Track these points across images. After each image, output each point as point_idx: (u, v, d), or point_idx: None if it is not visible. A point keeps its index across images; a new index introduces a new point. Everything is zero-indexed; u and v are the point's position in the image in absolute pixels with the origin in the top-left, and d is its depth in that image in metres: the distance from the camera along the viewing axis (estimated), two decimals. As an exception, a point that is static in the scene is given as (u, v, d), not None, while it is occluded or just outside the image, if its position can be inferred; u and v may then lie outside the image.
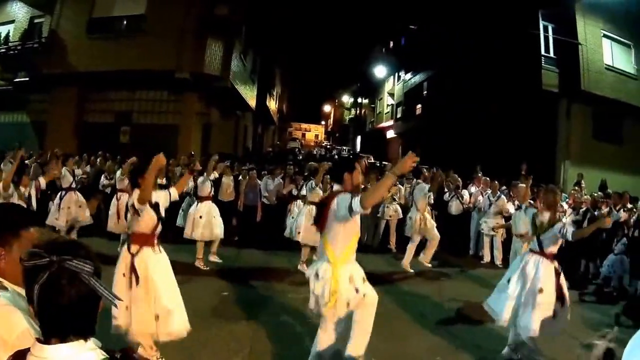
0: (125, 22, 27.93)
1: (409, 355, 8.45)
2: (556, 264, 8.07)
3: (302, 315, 9.22)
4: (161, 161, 6.97)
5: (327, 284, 6.30)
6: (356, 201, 5.83)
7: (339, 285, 6.23)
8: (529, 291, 7.77)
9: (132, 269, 6.80)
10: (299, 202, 15.91)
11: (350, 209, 5.86)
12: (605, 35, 30.47)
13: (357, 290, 6.31)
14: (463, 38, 35.88)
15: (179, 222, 15.21)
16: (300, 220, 13.32)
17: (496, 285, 8.62)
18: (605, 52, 30.50)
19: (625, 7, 29.84)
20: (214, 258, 13.59)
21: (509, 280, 8.12)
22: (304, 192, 15.01)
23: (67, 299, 1.99)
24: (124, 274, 6.88)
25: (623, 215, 15.11)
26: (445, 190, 18.53)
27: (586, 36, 29.27)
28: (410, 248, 14.35)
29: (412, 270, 14.09)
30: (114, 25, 27.84)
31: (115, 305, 3.37)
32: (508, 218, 15.41)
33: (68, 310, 2.01)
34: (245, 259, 14.45)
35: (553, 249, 8.14)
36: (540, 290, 7.63)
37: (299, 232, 13.15)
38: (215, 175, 14.55)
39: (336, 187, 6.69)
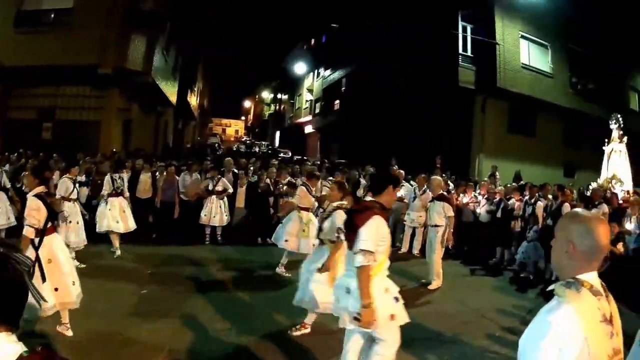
0: (53, 16, 27.02)
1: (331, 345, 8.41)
2: None
3: (221, 312, 9.42)
4: None
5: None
6: (359, 258, 5.78)
7: (375, 298, 5.86)
8: None
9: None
10: (214, 197, 16.35)
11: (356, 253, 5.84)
12: (523, 36, 31.61)
13: (396, 300, 6.17)
14: (383, 36, 36.33)
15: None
16: (288, 227, 12.90)
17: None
18: (522, 51, 31.72)
19: (544, 10, 30.87)
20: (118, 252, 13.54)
21: None
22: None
23: (5, 288, 2.18)
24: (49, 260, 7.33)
25: (541, 206, 15.70)
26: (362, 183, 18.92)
27: (504, 37, 30.26)
28: None
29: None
30: (41, 19, 26.93)
31: (40, 304, 3.61)
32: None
33: (3, 299, 2.19)
34: (164, 256, 14.28)
35: None
36: None
37: (286, 240, 12.72)
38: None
39: (370, 197, 6.49)
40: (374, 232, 5.91)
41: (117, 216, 13.77)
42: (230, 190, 16.96)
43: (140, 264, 12.89)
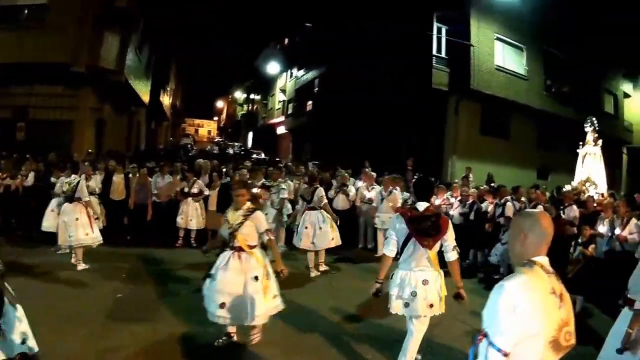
0: (26, 12, 26.41)
1: (305, 345, 8.69)
2: None
3: (199, 315, 9.02)
4: None
5: (441, 290, 7.43)
6: (454, 253, 7.55)
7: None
8: None
9: None
10: (190, 200, 16.30)
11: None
12: (498, 38, 31.76)
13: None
14: (356, 37, 36.33)
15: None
16: (305, 229, 13.51)
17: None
18: (497, 53, 31.83)
19: (520, 12, 31.03)
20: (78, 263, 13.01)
21: None
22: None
23: None
24: None
25: (510, 207, 15.75)
26: (333, 185, 18.93)
27: (479, 38, 30.38)
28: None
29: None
30: (15, 15, 26.15)
31: (15, 306, 3.59)
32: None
33: None
34: (138, 258, 14.23)
35: None
36: None
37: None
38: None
39: (424, 205, 7.34)
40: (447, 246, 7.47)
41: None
42: (207, 192, 16.86)
43: (116, 268, 12.75)
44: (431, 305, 7.23)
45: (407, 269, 7.37)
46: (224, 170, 20.78)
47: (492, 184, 21.68)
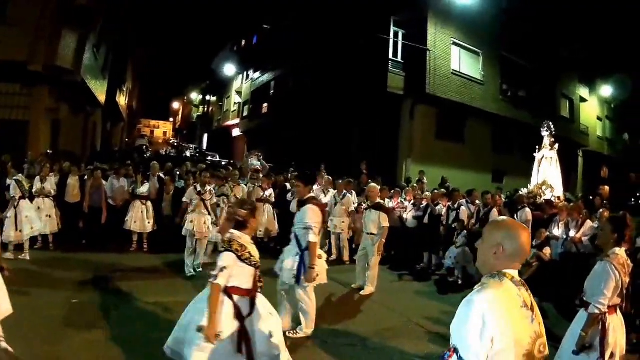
0: None
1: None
2: None
3: (154, 321, 9.34)
4: None
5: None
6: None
7: None
8: None
9: None
10: (137, 202, 16.16)
11: None
12: (454, 43, 31.86)
13: None
14: (313, 39, 36.36)
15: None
16: None
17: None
18: (453, 58, 31.87)
19: (477, 18, 31.19)
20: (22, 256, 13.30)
21: None
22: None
23: None
24: None
25: (465, 211, 15.93)
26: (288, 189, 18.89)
27: (436, 43, 30.41)
28: None
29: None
30: None
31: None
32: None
33: None
34: (93, 263, 13.89)
35: None
36: None
37: None
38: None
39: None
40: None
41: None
42: (145, 190, 16.60)
43: (70, 272, 12.56)
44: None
45: None
46: (178, 173, 20.68)
47: (446, 187, 21.84)
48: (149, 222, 16.17)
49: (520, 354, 3.22)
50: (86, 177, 17.12)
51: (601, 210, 14.85)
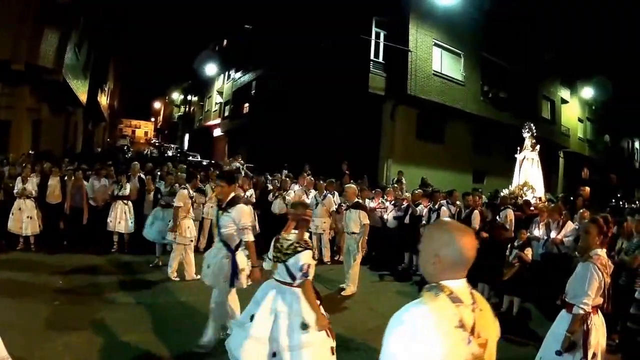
0: None
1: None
2: None
3: (136, 322, 9.31)
4: None
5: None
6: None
7: None
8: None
9: None
10: (119, 202, 16.08)
11: None
12: (436, 44, 31.94)
13: None
14: (295, 39, 36.34)
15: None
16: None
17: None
18: (434, 59, 31.93)
19: (459, 19, 31.35)
20: None
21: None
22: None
23: None
24: None
25: (445, 211, 15.98)
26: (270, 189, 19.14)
27: (417, 44, 30.44)
28: None
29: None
30: None
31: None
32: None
33: None
34: (74, 264, 13.78)
35: None
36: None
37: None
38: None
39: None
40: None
41: None
42: (127, 192, 16.54)
43: (52, 274, 12.48)
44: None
45: None
46: (158, 173, 20.60)
47: (427, 188, 21.89)
48: (131, 223, 16.11)
49: None
50: (66, 177, 16.95)
51: (581, 210, 14.93)
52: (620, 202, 37.15)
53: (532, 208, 17.54)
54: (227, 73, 62.06)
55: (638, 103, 51.32)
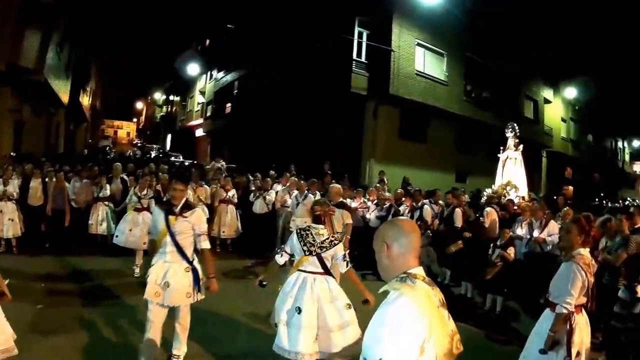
0: None
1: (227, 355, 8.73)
2: None
3: (119, 325, 9.27)
4: None
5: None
6: None
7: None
8: None
9: None
10: (100, 204, 16.11)
11: None
12: (419, 44, 32.02)
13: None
14: (278, 39, 36.29)
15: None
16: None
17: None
18: (417, 59, 32.04)
19: (442, 19, 31.41)
20: None
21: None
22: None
23: None
24: None
25: (428, 210, 16.01)
26: (251, 189, 19.16)
27: (400, 44, 30.47)
28: None
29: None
30: None
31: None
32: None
33: None
34: (57, 267, 13.81)
35: None
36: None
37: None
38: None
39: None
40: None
41: None
42: (117, 195, 16.63)
43: (34, 277, 12.38)
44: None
45: None
46: (140, 173, 20.50)
47: (409, 187, 21.91)
48: (112, 224, 15.99)
49: (442, 353, 3.15)
50: (48, 179, 16.84)
51: (565, 209, 14.98)
52: (604, 202, 37.35)
53: (515, 207, 17.55)
54: (209, 73, 61.81)
55: (621, 102, 51.74)
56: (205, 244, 7.82)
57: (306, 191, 17.08)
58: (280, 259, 7.87)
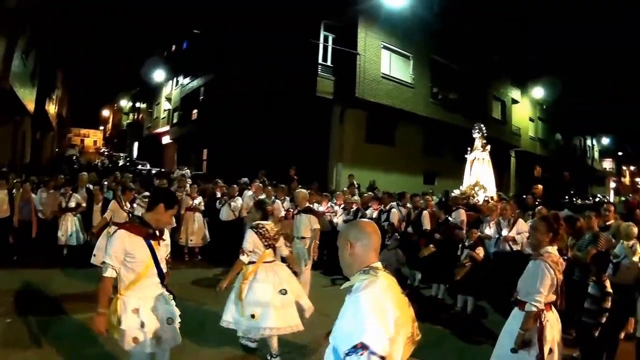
0: None
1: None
2: None
3: (90, 336, 8.65)
4: None
5: None
6: None
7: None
8: None
9: None
10: (68, 215, 16.10)
11: None
12: (385, 47, 32.06)
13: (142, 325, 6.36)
14: (243, 43, 36.21)
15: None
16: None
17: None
18: (383, 62, 32.10)
19: (407, 22, 31.49)
20: None
21: None
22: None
23: None
24: None
25: (395, 214, 16.02)
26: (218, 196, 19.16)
27: (366, 47, 30.49)
28: None
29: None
30: None
31: None
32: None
33: None
34: (25, 279, 13.49)
35: None
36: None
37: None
38: None
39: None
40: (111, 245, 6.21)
41: None
42: (83, 205, 16.56)
43: (2, 290, 12.17)
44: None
45: None
46: (105, 183, 20.32)
47: (375, 191, 21.95)
48: (82, 234, 16.02)
49: (407, 337, 3.42)
50: (14, 190, 16.60)
51: (539, 208, 15.10)
52: (574, 199, 37.62)
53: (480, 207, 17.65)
54: (175, 79, 61.52)
55: (589, 101, 52.24)
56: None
57: (273, 197, 17.15)
58: (246, 258, 8.55)
